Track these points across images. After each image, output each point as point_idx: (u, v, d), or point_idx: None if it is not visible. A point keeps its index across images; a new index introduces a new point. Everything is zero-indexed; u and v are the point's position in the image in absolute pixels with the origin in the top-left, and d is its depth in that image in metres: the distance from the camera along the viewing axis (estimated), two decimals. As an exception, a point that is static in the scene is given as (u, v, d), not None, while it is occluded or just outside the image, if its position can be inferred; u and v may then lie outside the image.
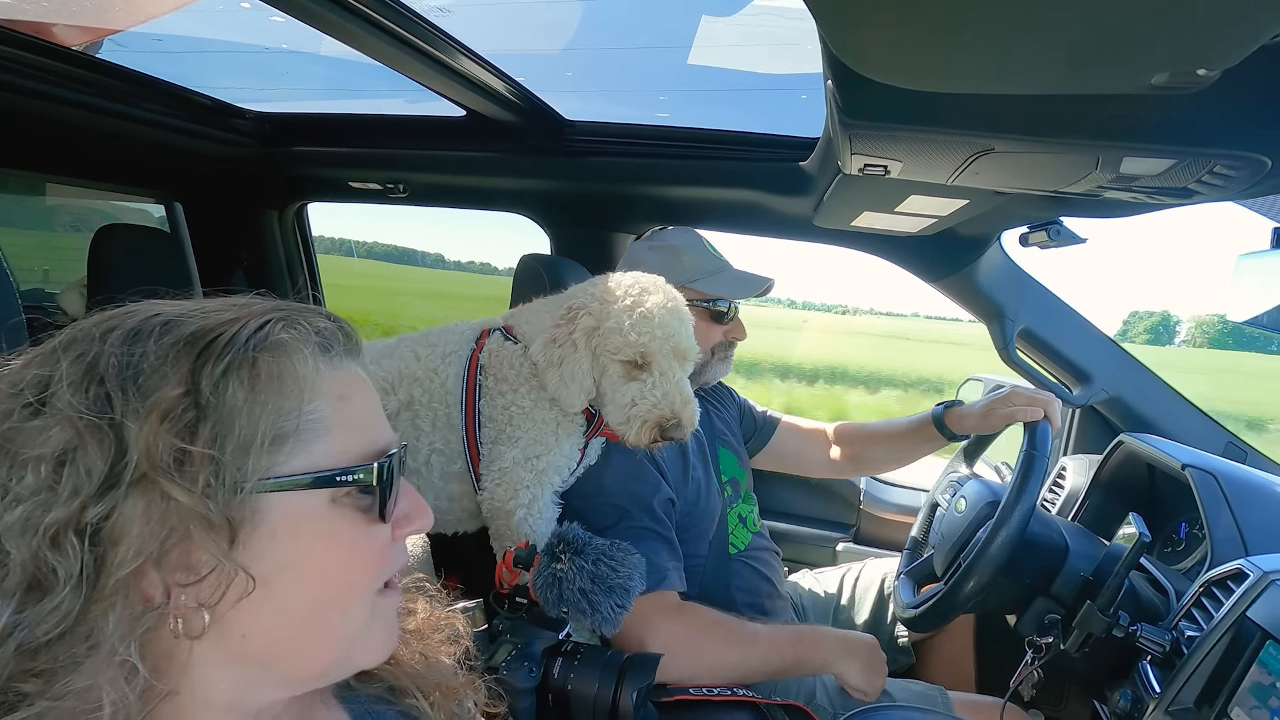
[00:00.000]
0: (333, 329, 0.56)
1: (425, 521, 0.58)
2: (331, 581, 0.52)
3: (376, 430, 0.56)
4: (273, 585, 0.49)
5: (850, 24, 0.56)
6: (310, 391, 0.52)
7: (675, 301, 1.29)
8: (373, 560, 0.54)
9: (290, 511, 0.50)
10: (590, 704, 0.99)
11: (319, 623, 0.52)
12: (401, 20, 1.25)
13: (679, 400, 1.25)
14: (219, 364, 0.48)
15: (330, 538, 0.52)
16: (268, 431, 0.49)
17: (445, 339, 1.37)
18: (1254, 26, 0.45)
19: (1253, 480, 1.29)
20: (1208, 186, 0.81)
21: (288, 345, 0.52)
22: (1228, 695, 0.92)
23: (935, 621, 1.32)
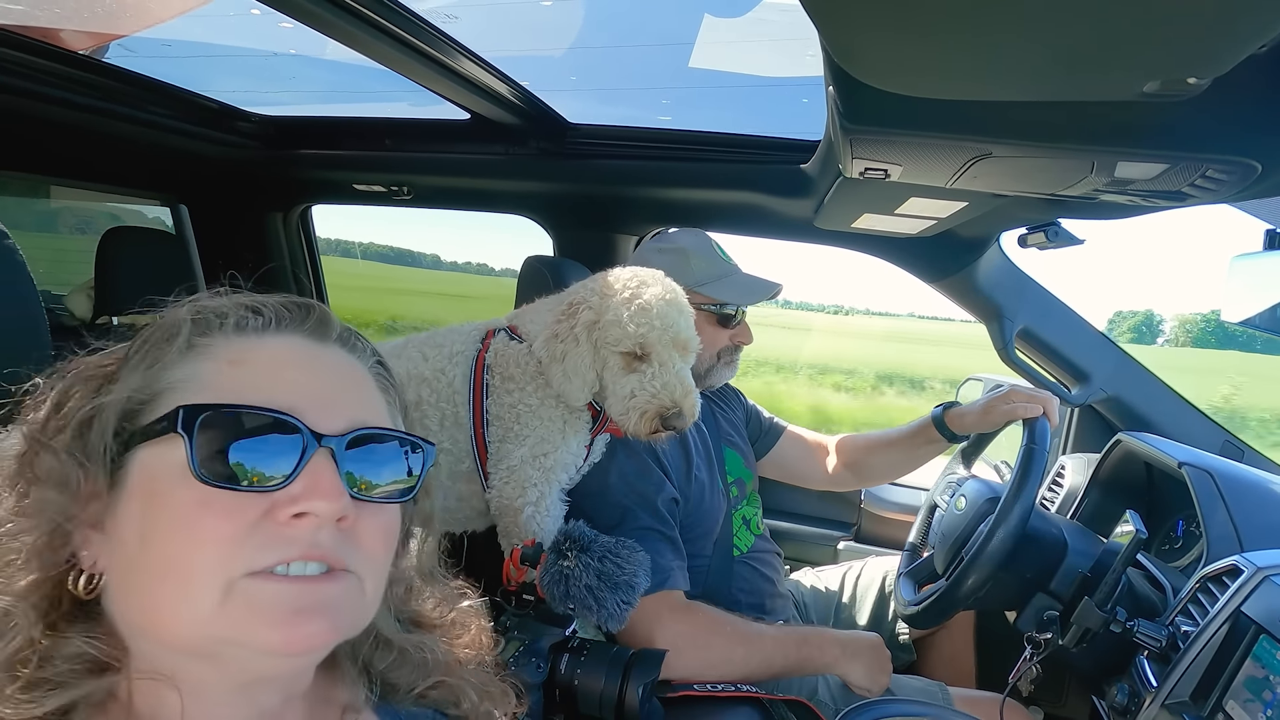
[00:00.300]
0: (270, 305, 0.56)
1: (319, 504, 0.49)
2: (162, 545, 0.47)
3: (267, 394, 0.50)
4: (126, 545, 0.49)
5: (851, 32, 0.58)
6: (197, 356, 0.52)
7: (674, 294, 1.30)
8: (209, 534, 0.47)
9: (147, 468, 0.49)
10: (597, 699, 1.01)
11: (155, 596, 0.48)
12: (407, 25, 1.27)
13: (679, 390, 1.26)
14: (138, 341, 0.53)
15: (166, 495, 0.48)
16: (141, 389, 0.50)
17: (452, 339, 1.39)
18: (1240, 38, 0.47)
19: (1248, 478, 1.31)
20: (1200, 190, 0.83)
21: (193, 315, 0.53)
22: (1223, 689, 0.93)
23: (936, 618, 1.34)
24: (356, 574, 0.52)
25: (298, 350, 0.55)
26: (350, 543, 0.51)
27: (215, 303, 0.56)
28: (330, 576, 0.50)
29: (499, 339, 1.37)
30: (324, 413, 0.52)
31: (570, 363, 1.26)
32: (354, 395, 0.56)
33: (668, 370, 1.27)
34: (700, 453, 1.52)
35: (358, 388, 0.57)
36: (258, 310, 0.55)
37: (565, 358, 1.27)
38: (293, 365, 0.54)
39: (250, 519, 0.48)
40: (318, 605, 0.49)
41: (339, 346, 0.58)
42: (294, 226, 2.49)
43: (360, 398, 0.57)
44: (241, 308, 0.55)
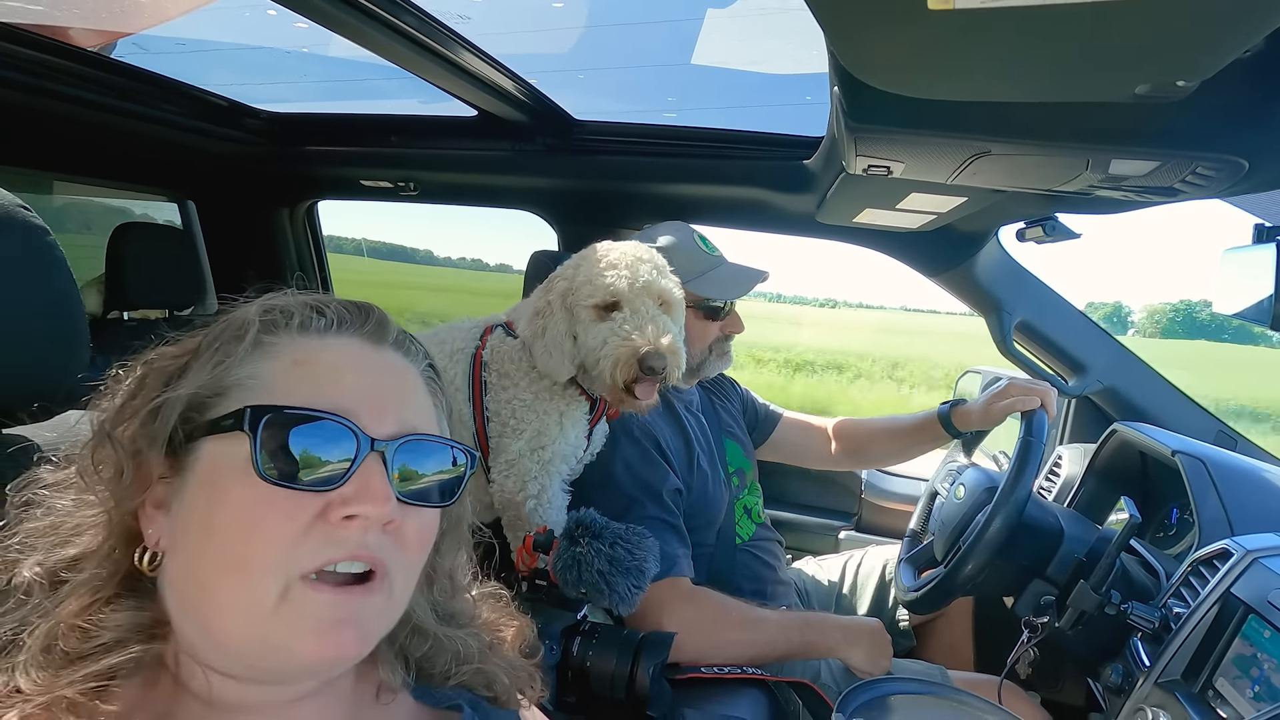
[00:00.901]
0: (333, 306, 0.57)
1: (369, 507, 0.50)
2: (224, 539, 0.49)
3: (328, 395, 0.52)
4: (189, 533, 0.51)
5: (858, 38, 0.61)
6: (263, 354, 0.53)
7: (650, 254, 1.30)
8: (266, 528, 0.48)
9: (213, 459, 0.51)
10: (609, 680, 1.04)
11: (215, 581, 0.50)
12: (419, 24, 1.29)
13: (654, 331, 1.23)
14: (208, 336, 0.55)
15: (228, 490, 0.49)
16: (210, 384, 0.52)
17: (452, 337, 1.40)
18: (1225, 44, 0.50)
19: (1239, 465, 1.34)
20: (1191, 186, 0.86)
21: (260, 313, 0.55)
22: (1213, 667, 0.96)
23: (935, 604, 1.37)
24: (391, 576, 0.53)
25: (356, 353, 0.56)
26: (394, 544, 0.53)
27: (281, 301, 0.57)
28: (369, 583, 0.52)
29: (495, 335, 1.38)
30: (378, 416, 0.53)
31: (549, 335, 1.26)
32: (406, 399, 0.58)
33: (641, 315, 1.24)
34: (702, 444, 1.55)
35: (410, 392, 0.59)
36: (321, 311, 0.57)
37: (545, 332, 1.26)
38: (351, 368, 0.55)
39: (307, 518, 0.49)
40: (353, 617, 0.51)
41: (394, 350, 0.59)
42: (300, 222, 2.51)
43: (412, 402, 0.58)
44: (306, 307, 0.57)
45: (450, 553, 0.67)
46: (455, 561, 0.68)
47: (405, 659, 0.65)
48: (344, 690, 0.60)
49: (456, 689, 0.67)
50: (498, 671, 0.68)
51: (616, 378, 1.23)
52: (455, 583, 0.69)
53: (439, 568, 0.66)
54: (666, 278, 1.31)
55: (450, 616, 0.68)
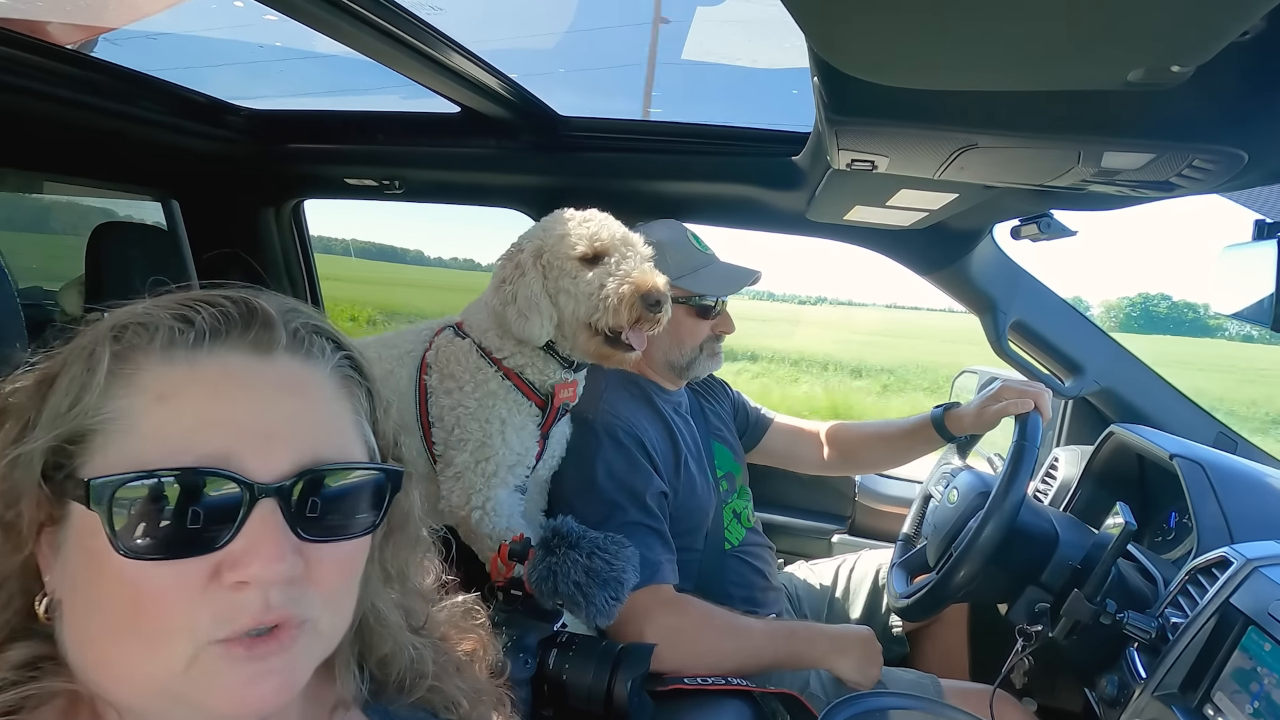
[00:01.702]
0: (204, 312, 0.49)
1: (263, 572, 0.45)
2: (114, 611, 0.44)
3: (199, 440, 0.45)
4: (74, 595, 0.46)
5: (831, 24, 0.57)
6: (124, 386, 0.46)
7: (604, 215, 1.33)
8: (152, 602, 0.43)
9: (84, 526, 0.45)
10: (585, 693, 1.01)
11: (114, 656, 0.46)
12: (394, 18, 1.26)
13: (650, 272, 1.24)
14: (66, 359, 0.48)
15: (105, 563, 0.43)
16: (68, 429, 0.45)
17: (405, 339, 1.39)
18: (1219, 24, 0.46)
19: (1240, 469, 1.31)
20: (1188, 180, 0.83)
21: (112, 333, 0.47)
22: (1211, 680, 0.93)
23: (927, 611, 1.34)
24: (313, 620, 0.49)
25: (236, 373, 0.48)
26: (306, 590, 0.48)
27: (140, 315, 0.49)
28: (282, 635, 0.47)
29: (443, 336, 1.36)
30: (266, 454, 0.46)
31: (523, 298, 1.24)
32: (304, 421, 0.50)
33: (632, 260, 1.24)
34: (690, 447, 1.52)
35: (310, 410, 0.51)
36: (188, 320, 0.48)
37: (516, 296, 1.24)
38: (229, 396, 0.47)
39: (198, 584, 0.44)
40: (271, 670, 0.46)
41: (289, 355, 0.51)
42: (286, 221, 2.48)
43: (312, 423, 0.51)
44: (170, 317, 0.48)
45: (402, 551, 0.62)
46: (409, 562, 0.63)
47: (360, 668, 0.61)
48: (287, 713, 0.55)
49: (416, 709, 0.63)
50: (458, 693, 0.65)
51: (621, 318, 1.22)
52: (408, 585, 0.64)
53: (390, 569, 0.62)
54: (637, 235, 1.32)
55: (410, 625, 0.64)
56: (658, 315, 1.24)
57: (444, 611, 0.69)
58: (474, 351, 1.31)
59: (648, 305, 1.22)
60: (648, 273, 1.24)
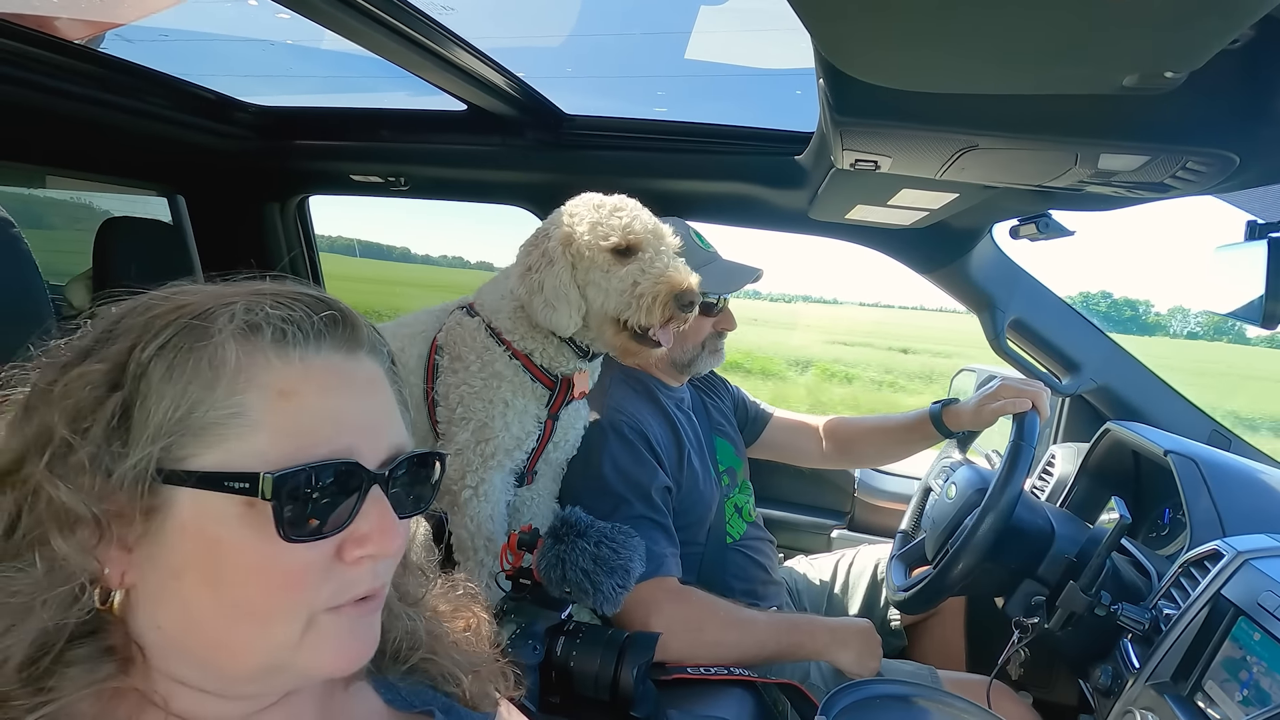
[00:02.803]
0: (307, 317, 0.51)
1: (383, 547, 0.51)
2: (238, 592, 0.47)
3: (325, 435, 0.49)
4: (182, 582, 0.47)
5: (838, 28, 0.59)
6: (242, 383, 0.47)
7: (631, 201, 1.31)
8: (289, 581, 0.48)
9: (201, 509, 0.46)
10: (592, 680, 1.03)
11: (231, 631, 0.48)
12: (404, 16, 1.27)
13: (684, 270, 1.23)
14: (151, 345, 0.47)
15: (236, 547, 0.47)
16: (181, 420, 0.46)
17: (420, 320, 1.40)
18: (1209, 33, 0.48)
19: (1232, 465, 1.33)
20: (1182, 182, 0.85)
21: (229, 330, 0.48)
22: (1202, 669, 0.96)
23: (925, 604, 1.36)
24: (388, 585, 0.56)
25: (339, 372, 0.52)
26: (390, 560, 0.55)
27: (250, 312, 0.50)
28: (376, 599, 0.54)
29: (454, 317, 1.36)
30: (372, 444, 0.52)
31: (550, 287, 1.22)
32: (389, 416, 0.56)
33: (665, 256, 1.23)
34: (692, 441, 1.54)
35: (389, 404, 0.56)
36: (298, 325, 0.51)
37: (544, 285, 1.23)
38: (339, 393, 0.51)
39: (324, 562, 0.49)
40: (366, 629, 0.53)
41: (367, 355, 0.56)
42: (291, 217, 2.49)
43: (390, 413, 0.56)
44: (280, 320, 0.50)
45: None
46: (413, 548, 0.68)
47: None
48: (316, 687, 0.59)
49: (420, 687, 0.66)
50: (455, 668, 0.67)
51: (654, 317, 1.22)
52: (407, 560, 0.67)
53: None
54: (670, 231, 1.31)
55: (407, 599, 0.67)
56: (688, 315, 1.24)
57: (436, 589, 0.72)
58: (483, 331, 1.31)
59: (680, 305, 1.22)
60: (681, 270, 1.23)
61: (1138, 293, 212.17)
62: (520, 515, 1.41)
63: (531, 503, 1.42)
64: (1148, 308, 63.01)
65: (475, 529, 1.28)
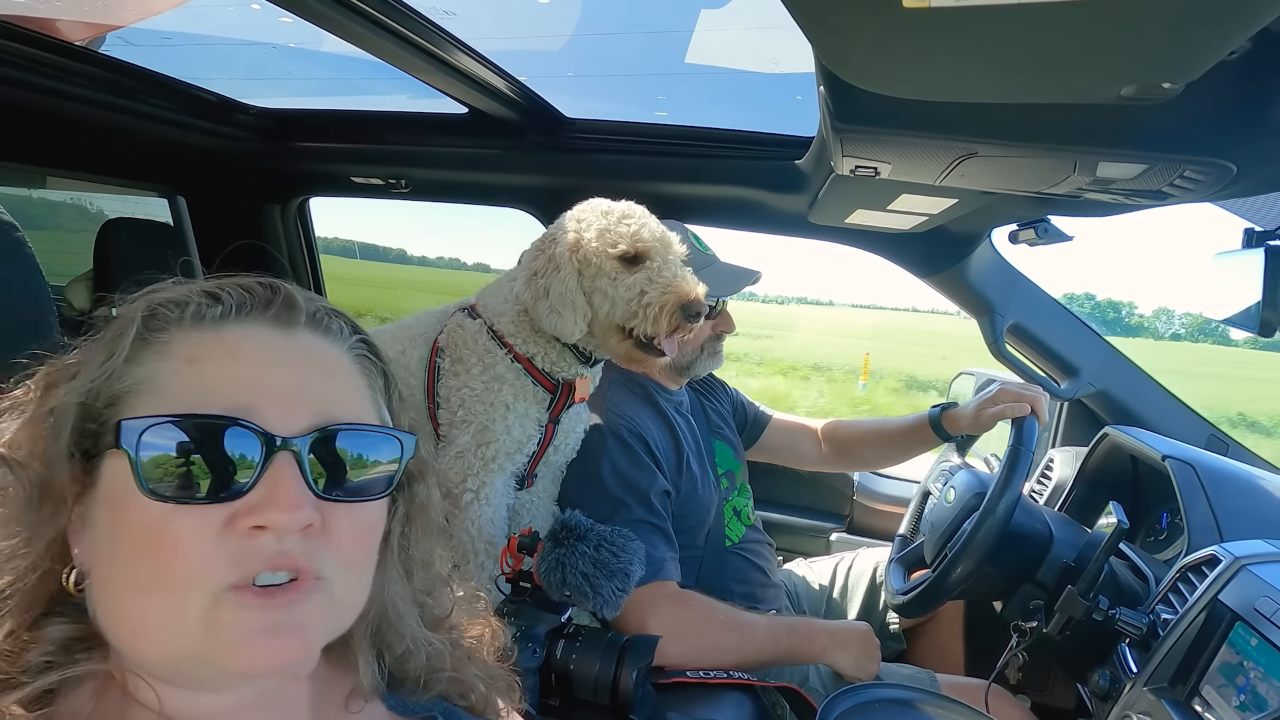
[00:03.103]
0: (232, 292, 0.52)
1: (276, 515, 0.47)
2: (128, 561, 0.46)
3: (220, 395, 0.48)
4: (98, 554, 0.48)
5: (839, 38, 0.60)
6: (152, 354, 0.49)
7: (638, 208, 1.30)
8: (170, 548, 0.45)
9: (113, 478, 0.47)
10: (592, 683, 1.03)
11: (127, 605, 0.47)
12: (404, 20, 1.28)
13: (691, 280, 1.22)
14: (104, 331, 0.51)
15: (127, 512, 0.46)
16: (101, 393, 0.49)
17: (421, 322, 1.40)
18: (1207, 45, 0.49)
19: (1230, 470, 1.34)
20: (1179, 189, 0.86)
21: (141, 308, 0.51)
22: (1199, 674, 0.96)
23: (923, 608, 1.37)
24: (328, 579, 0.50)
25: (259, 341, 0.52)
26: (321, 546, 0.50)
27: (171, 293, 0.53)
28: (297, 588, 0.48)
29: (455, 319, 1.36)
30: (285, 410, 0.49)
31: (556, 292, 1.22)
32: (322, 387, 0.53)
33: (673, 266, 1.23)
34: (691, 445, 1.54)
35: (327, 377, 0.54)
36: (215, 297, 0.52)
37: (549, 291, 1.22)
38: (251, 358, 0.51)
39: (213, 531, 0.46)
40: (284, 623, 0.48)
41: (309, 331, 0.54)
42: (292, 219, 2.50)
43: (330, 388, 0.53)
44: (199, 295, 0.52)
45: (421, 540, 0.63)
46: (430, 550, 0.65)
47: (380, 662, 0.62)
48: (302, 696, 0.57)
49: (432, 699, 0.65)
50: (474, 680, 0.67)
51: (660, 327, 1.21)
52: (433, 574, 0.66)
53: (413, 558, 0.63)
54: (677, 240, 1.31)
55: (432, 616, 0.66)
56: (695, 325, 1.24)
57: (457, 596, 0.71)
58: (484, 333, 1.30)
59: (687, 316, 1.21)
60: (688, 280, 1.22)
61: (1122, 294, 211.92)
62: (519, 518, 1.41)
63: (531, 506, 1.42)
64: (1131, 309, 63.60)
65: (476, 532, 1.28)
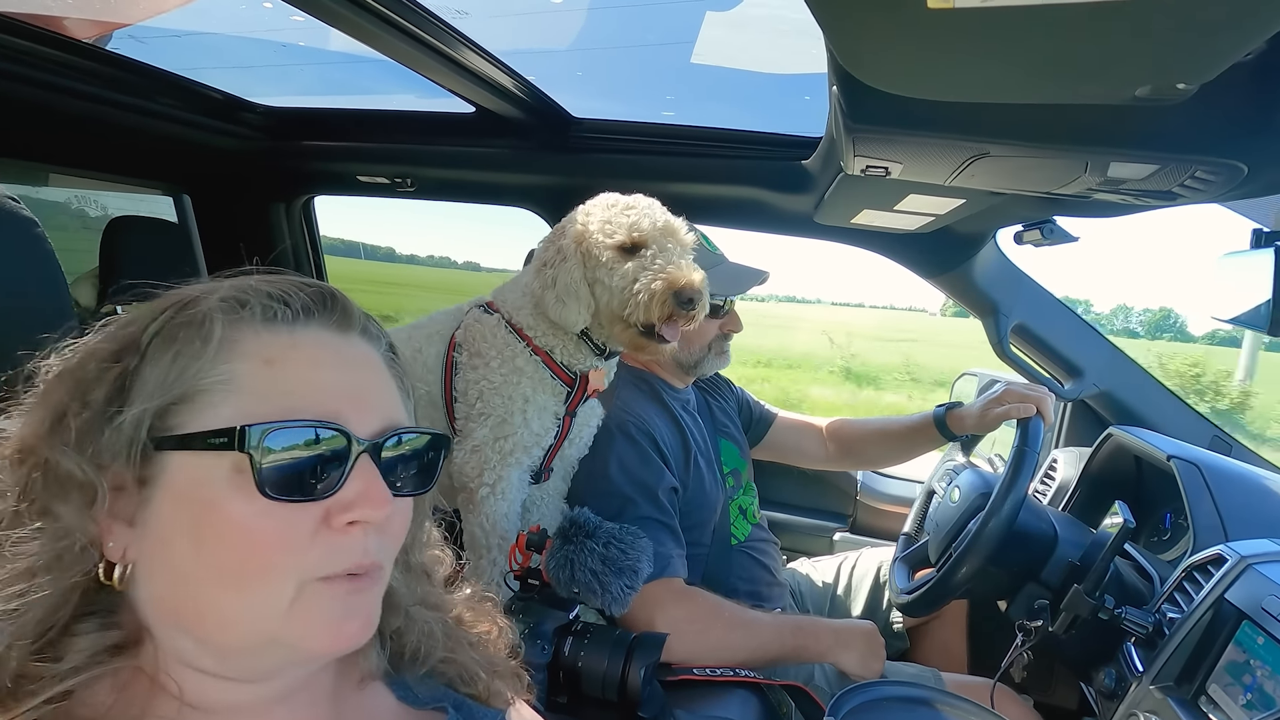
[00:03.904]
0: (297, 295, 0.54)
1: (370, 513, 0.50)
2: (223, 554, 0.48)
3: (311, 399, 0.50)
4: (172, 548, 0.49)
5: (857, 39, 0.60)
6: (228, 353, 0.50)
7: (658, 203, 1.31)
8: (272, 542, 0.48)
9: (191, 474, 0.48)
10: (600, 680, 1.04)
11: (216, 595, 0.49)
12: (416, 19, 1.28)
13: (687, 269, 1.22)
14: (151, 325, 0.51)
15: (221, 508, 0.47)
16: (172, 389, 0.49)
17: (436, 320, 1.40)
18: (1225, 47, 0.49)
19: (1234, 470, 1.34)
20: (1190, 190, 0.86)
21: (216, 305, 0.51)
22: (1206, 673, 0.97)
23: (928, 607, 1.37)
24: (385, 568, 0.54)
25: (328, 346, 0.54)
26: (386, 540, 0.54)
27: (239, 290, 0.53)
28: (370, 576, 0.52)
29: (471, 315, 1.36)
30: (361, 414, 0.52)
31: (562, 284, 1.23)
32: (382, 392, 0.56)
33: (670, 254, 1.23)
34: (698, 443, 1.55)
35: (383, 382, 0.57)
36: (285, 301, 0.53)
37: (556, 281, 1.24)
38: (327, 364, 0.53)
39: (310, 526, 0.49)
40: (359, 608, 0.52)
41: (360, 337, 0.57)
42: (297, 217, 2.50)
43: (386, 392, 0.57)
44: (267, 297, 0.53)
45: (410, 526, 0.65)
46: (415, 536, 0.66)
47: (380, 636, 0.64)
48: (326, 684, 0.59)
49: (435, 685, 0.66)
50: (474, 666, 0.67)
51: (652, 314, 1.21)
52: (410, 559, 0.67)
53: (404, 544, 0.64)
54: (687, 224, 1.31)
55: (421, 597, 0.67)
56: (691, 312, 1.23)
57: (459, 596, 0.72)
58: (502, 327, 1.31)
59: (680, 303, 1.21)
60: (683, 268, 1.22)
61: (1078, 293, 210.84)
62: (529, 515, 1.41)
63: (541, 502, 1.42)
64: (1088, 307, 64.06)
65: (490, 527, 1.28)
